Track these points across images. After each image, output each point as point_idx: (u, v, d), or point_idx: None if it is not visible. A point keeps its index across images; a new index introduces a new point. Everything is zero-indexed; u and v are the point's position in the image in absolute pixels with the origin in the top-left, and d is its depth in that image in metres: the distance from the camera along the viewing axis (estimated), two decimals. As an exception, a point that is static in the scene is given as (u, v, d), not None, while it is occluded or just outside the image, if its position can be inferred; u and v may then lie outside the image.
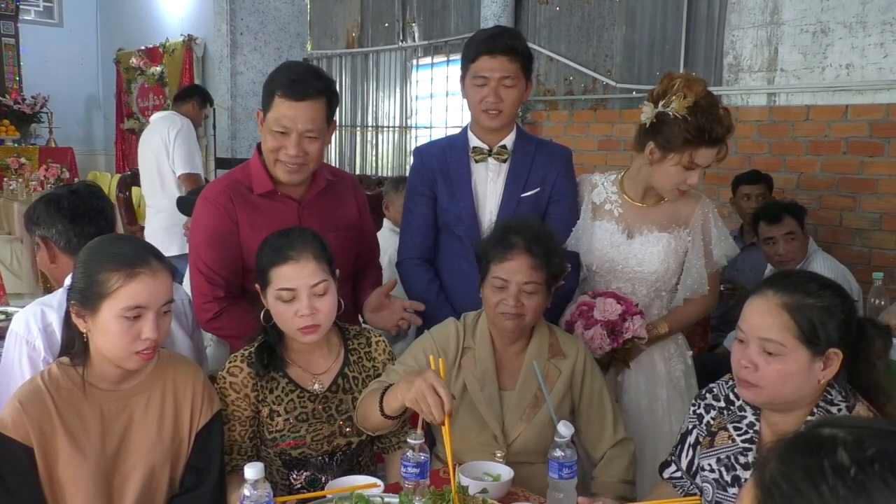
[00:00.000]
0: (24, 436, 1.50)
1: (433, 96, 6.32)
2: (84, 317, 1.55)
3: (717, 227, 2.20)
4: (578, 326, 2.10)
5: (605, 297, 2.11)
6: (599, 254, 2.22)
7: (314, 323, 1.77)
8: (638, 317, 2.08)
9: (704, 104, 2.01)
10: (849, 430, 0.75)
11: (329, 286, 1.79)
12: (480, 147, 2.29)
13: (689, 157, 2.04)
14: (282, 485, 1.87)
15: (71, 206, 1.98)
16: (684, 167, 2.06)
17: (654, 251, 2.17)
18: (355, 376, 1.91)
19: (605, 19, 4.88)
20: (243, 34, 7.64)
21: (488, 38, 2.19)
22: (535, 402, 1.87)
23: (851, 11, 3.65)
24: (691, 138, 2.01)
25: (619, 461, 1.87)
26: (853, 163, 3.69)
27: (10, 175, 7.67)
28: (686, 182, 2.09)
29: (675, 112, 2.01)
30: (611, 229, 2.21)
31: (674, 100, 2.02)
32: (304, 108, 1.96)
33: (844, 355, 1.41)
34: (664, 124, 2.04)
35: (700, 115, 2.00)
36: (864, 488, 0.69)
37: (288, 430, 1.84)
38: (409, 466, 1.54)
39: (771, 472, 0.76)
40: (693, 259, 2.18)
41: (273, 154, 2.01)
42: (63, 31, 10.76)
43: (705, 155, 2.04)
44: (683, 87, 2.02)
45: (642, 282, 2.20)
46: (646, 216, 2.21)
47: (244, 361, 1.84)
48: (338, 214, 2.19)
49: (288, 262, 1.76)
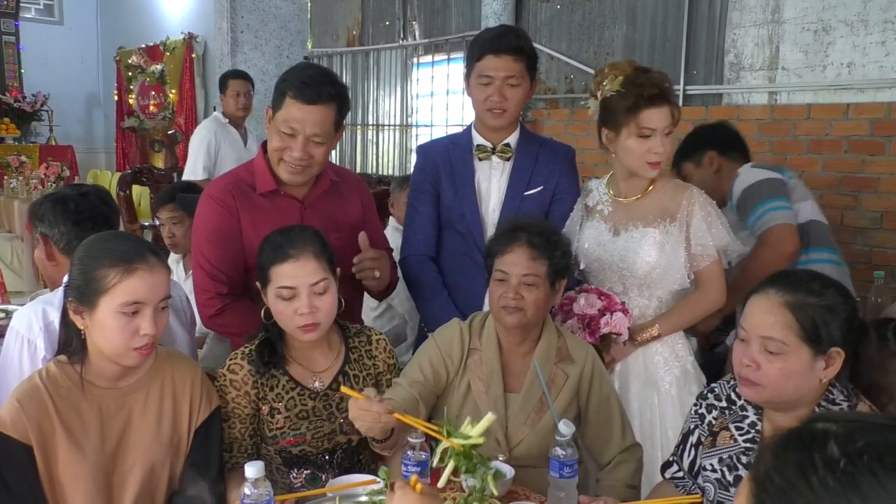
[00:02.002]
0: (23, 434, 1.50)
1: (434, 94, 6.31)
2: (82, 313, 1.55)
3: (707, 219, 2.10)
4: (557, 319, 2.10)
5: (589, 292, 2.12)
6: (588, 253, 2.21)
7: (314, 321, 1.77)
8: (619, 314, 2.08)
9: (633, 74, 2.08)
10: (841, 424, 0.76)
11: (329, 285, 1.79)
12: (484, 145, 2.29)
13: (635, 124, 2.05)
14: (282, 483, 1.87)
15: (77, 209, 1.98)
16: (638, 136, 2.06)
17: (637, 246, 2.12)
18: (356, 374, 1.91)
19: (606, 18, 4.87)
20: (244, 32, 7.63)
21: (494, 38, 2.19)
22: (540, 407, 1.85)
23: (853, 10, 3.64)
24: (630, 105, 2.05)
25: (626, 466, 1.85)
26: (854, 161, 3.68)
27: (11, 173, 7.67)
28: (651, 151, 2.07)
29: (610, 92, 2.09)
30: (599, 228, 2.20)
31: (605, 84, 2.10)
32: (314, 112, 1.96)
33: (846, 354, 1.41)
34: (606, 108, 2.12)
35: (630, 83, 2.06)
36: (853, 480, 0.70)
37: (288, 428, 1.83)
38: (409, 465, 1.54)
39: (765, 465, 0.77)
40: (670, 250, 2.10)
41: (277, 153, 2.01)
42: (63, 29, 10.75)
43: (652, 117, 2.05)
44: (609, 71, 2.12)
45: (631, 279, 2.16)
46: (632, 212, 2.18)
47: (245, 359, 1.84)
48: (341, 215, 2.18)
49: (288, 261, 1.76)
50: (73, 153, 9.46)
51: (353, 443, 1.89)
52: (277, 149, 2.01)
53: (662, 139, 2.06)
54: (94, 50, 10.83)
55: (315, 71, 2.05)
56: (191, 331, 2.20)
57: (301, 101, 1.95)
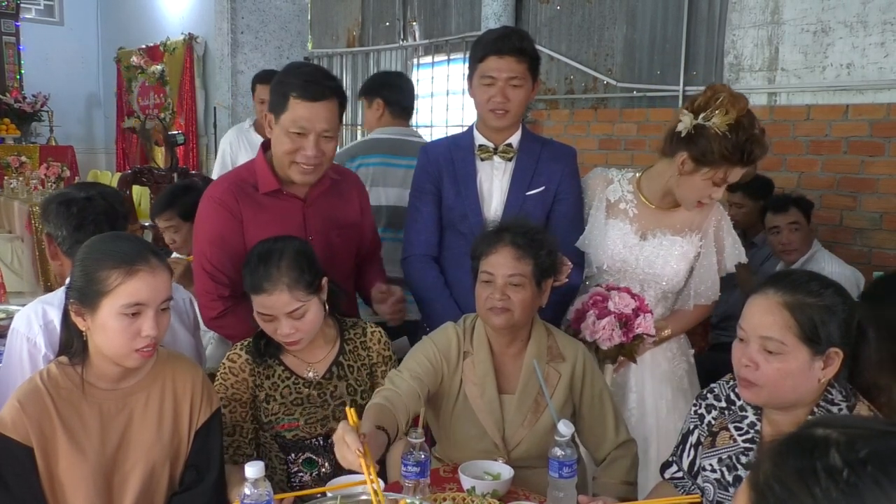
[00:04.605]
0: (23, 435, 1.50)
1: (434, 95, 6.30)
2: (83, 315, 1.55)
3: (731, 235, 2.21)
4: (591, 315, 2.07)
5: (619, 291, 2.11)
6: (611, 253, 2.21)
7: (296, 339, 1.85)
8: (649, 315, 2.09)
9: (746, 123, 1.96)
10: (841, 430, 0.74)
11: (308, 307, 1.84)
12: (486, 145, 2.29)
13: (723, 173, 2.01)
14: (280, 469, 1.92)
15: (80, 213, 1.97)
16: (714, 183, 2.03)
17: (667, 254, 2.17)
18: (350, 364, 1.98)
19: (606, 18, 4.87)
20: (244, 33, 7.63)
21: (497, 39, 2.19)
22: (536, 407, 1.85)
23: (852, 11, 3.64)
24: (729, 156, 1.96)
25: (621, 462, 1.85)
26: (853, 162, 3.68)
27: (11, 173, 7.66)
28: (710, 196, 2.08)
29: (715, 127, 1.96)
30: (624, 230, 2.21)
31: (716, 114, 1.96)
32: (321, 108, 1.97)
33: (845, 355, 1.41)
34: (702, 137, 1.98)
35: (741, 133, 1.95)
36: (857, 490, 0.69)
37: (282, 413, 1.90)
38: (409, 465, 1.54)
39: (764, 473, 0.76)
40: (707, 266, 2.18)
41: (289, 156, 2.00)
42: (64, 29, 10.76)
43: (738, 173, 2.03)
44: (727, 102, 1.96)
45: (652, 284, 2.20)
46: (660, 219, 2.20)
47: (243, 349, 1.94)
48: (341, 213, 2.20)
49: (262, 294, 1.82)
50: (73, 153, 9.46)
51: None
52: (289, 152, 2.00)
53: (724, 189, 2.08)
54: (94, 50, 10.84)
55: (310, 68, 2.08)
56: (195, 333, 2.20)
57: (307, 100, 1.96)
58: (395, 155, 2.99)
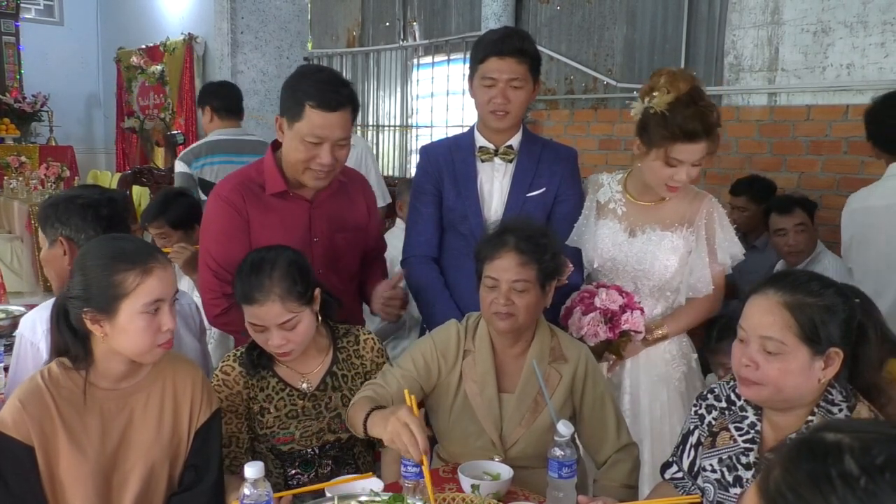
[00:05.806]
0: (24, 435, 1.50)
1: (434, 95, 6.31)
2: (100, 321, 1.54)
3: (723, 228, 2.18)
4: (577, 312, 2.10)
5: (608, 288, 2.11)
6: (602, 252, 2.21)
7: (287, 350, 1.83)
8: (638, 312, 2.08)
9: (685, 100, 1.99)
10: (854, 435, 0.73)
11: (300, 319, 1.82)
12: (487, 146, 2.29)
13: (664, 153, 2.03)
14: (276, 473, 1.92)
15: (109, 215, 1.98)
16: (667, 163, 2.05)
17: (655, 249, 2.16)
18: (344, 374, 1.96)
19: (606, 19, 4.88)
20: (244, 33, 7.63)
21: (497, 40, 2.19)
22: (535, 407, 1.85)
23: (852, 11, 3.64)
24: (667, 134, 2.00)
25: (622, 465, 1.85)
26: (853, 162, 3.69)
27: (11, 174, 7.66)
28: (673, 178, 2.07)
29: (655, 108, 2.01)
30: (613, 228, 2.21)
31: (656, 95, 2.02)
32: (338, 118, 1.96)
33: (845, 355, 1.41)
34: (646, 120, 2.05)
35: (678, 111, 1.98)
36: (875, 498, 0.68)
37: (278, 427, 1.89)
38: (409, 466, 1.54)
39: (775, 480, 0.74)
40: (696, 258, 2.16)
41: (304, 164, 2.00)
42: (63, 29, 10.76)
43: (683, 151, 2.01)
44: (667, 82, 2.01)
45: (644, 281, 2.19)
46: (649, 215, 2.20)
47: (236, 361, 1.91)
48: (347, 215, 2.20)
49: (253, 304, 1.80)
50: (73, 154, 9.46)
51: (343, 440, 1.93)
52: (304, 159, 1.98)
53: (688, 169, 2.05)
54: (94, 50, 10.84)
55: (327, 75, 2.02)
56: (201, 339, 2.20)
57: (325, 110, 1.93)
58: (237, 154, 3.48)
